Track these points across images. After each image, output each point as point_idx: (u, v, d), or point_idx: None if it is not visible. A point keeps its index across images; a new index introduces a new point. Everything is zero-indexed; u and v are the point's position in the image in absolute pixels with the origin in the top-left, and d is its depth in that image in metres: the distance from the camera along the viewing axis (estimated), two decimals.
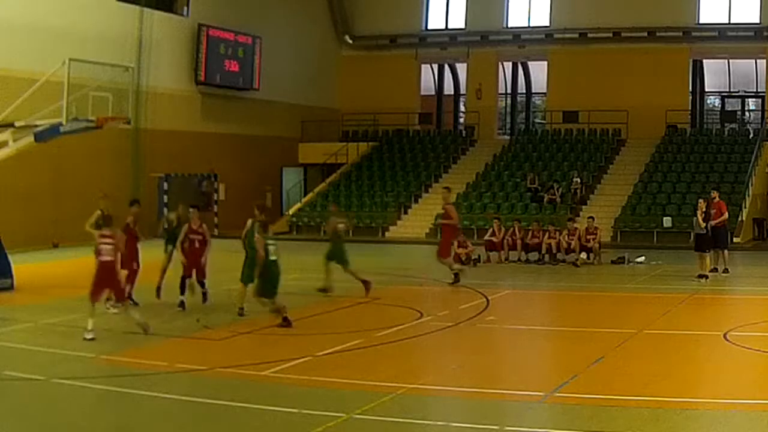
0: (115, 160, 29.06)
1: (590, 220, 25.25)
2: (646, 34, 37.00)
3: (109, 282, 13.46)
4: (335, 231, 18.73)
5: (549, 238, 24.56)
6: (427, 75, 43.08)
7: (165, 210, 31.93)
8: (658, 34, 36.92)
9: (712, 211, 20.82)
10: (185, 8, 33.96)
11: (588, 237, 24.31)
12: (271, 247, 14.54)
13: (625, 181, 33.54)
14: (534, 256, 24.72)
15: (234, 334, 13.66)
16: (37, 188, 27.19)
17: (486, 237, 25.53)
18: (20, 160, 20.94)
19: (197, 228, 16.17)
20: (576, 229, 24.62)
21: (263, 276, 14.28)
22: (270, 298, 14.25)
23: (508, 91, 42.48)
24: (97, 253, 13.40)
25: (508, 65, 42.00)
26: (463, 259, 23.94)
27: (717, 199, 21.63)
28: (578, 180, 33.09)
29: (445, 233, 20.39)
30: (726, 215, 21.50)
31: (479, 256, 24.37)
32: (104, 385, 10.53)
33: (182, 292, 15.94)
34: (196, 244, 16.03)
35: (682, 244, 26.82)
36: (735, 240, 28.78)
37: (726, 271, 20.94)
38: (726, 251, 21.33)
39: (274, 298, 14.25)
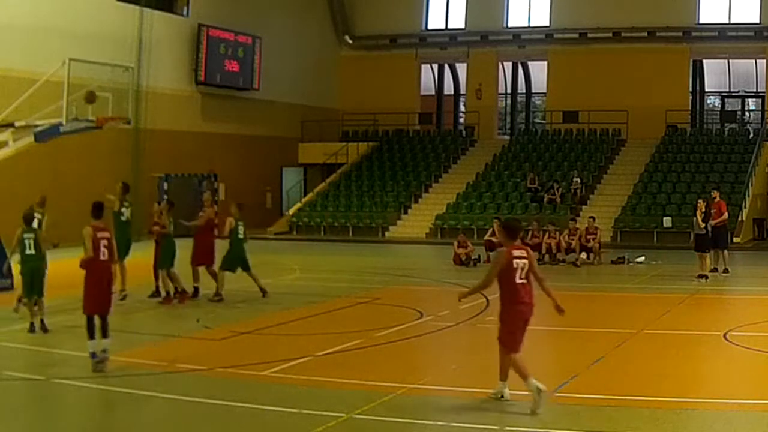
0: (115, 160, 29.04)
1: (591, 219, 25.25)
2: (646, 34, 37.01)
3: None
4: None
5: (549, 238, 24.55)
6: (427, 75, 43.10)
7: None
8: (658, 34, 36.93)
9: (712, 211, 20.79)
10: (185, 8, 33.97)
11: (588, 237, 24.32)
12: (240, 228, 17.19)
13: (625, 181, 33.55)
14: (534, 256, 24.68)
15: (234, 334, 13.66)
16: (36, 188, 27.10)
17: (486, 237, 25.52)
18: (20, 160, 20.93)
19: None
20: (577, 229, 24.62)
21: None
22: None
23: (508, 91, 42.50)
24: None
25: (508, 65, 42.02)
26: (463, 259, 23.96)
27: (717, 198, 21.60)
28: (578, 180, 33.09)
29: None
30: (726, 215, 21.45)
31: (479, 256, 24.36)
32: (104, 385, 10.52)
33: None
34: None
35: (682, 244, 26.82)
36: (735, 240, 28.79)
37: (726, 271, 20.92)
38: (726, 251, 21.31)
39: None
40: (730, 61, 38.85)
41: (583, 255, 24.06)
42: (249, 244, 17.68)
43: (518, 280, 9.79)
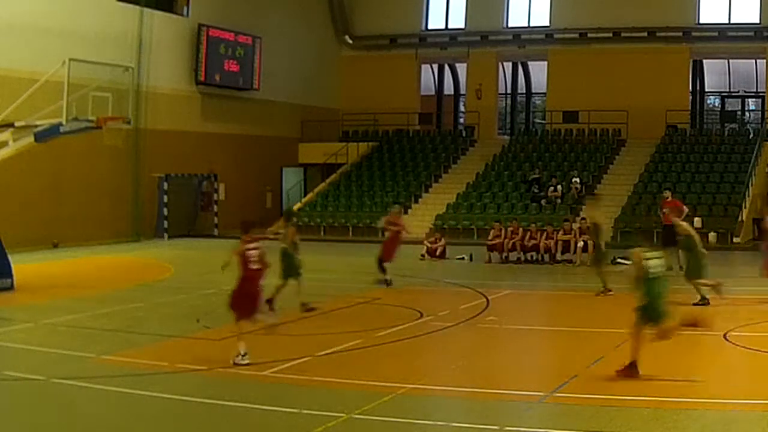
0: (115, 160, 29.06)
1: (582, 221, 25.51)
2: (646, 34, 36.98)
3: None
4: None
5: (547, 238, 24.69)
6: (427, 75, 43.07)
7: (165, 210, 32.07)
8: (658, 34, 36.91)
9: (666, 210, 21.75)
10: (185, 8, 33.95)
11: (582, 237, 24.53)
12: None
13: (625, 181, 33.52)
14: (533, 255, 24.85)
15: (234, 334, 13.64)
16: (36, 188, 27.19)
17: (489, 239, 25.69)
18: (20, 160, 20.94)
19: None
20: (571, 228, 24.83)
21: None
22: None
23: (508, 91, 42.48)
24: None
25: (508, 65, 41.99)
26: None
27: (670, 198, 22.77)
28: (577, 180, 33.08)
29: None
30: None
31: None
32: (104, 385, 10.52)
33: None
34: None
35: None
36: (735, 240, 28.85)
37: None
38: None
39: None
40: (730, 61, 38.84)
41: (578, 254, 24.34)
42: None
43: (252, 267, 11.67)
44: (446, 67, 43.16)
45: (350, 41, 41.85)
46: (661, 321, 10.78)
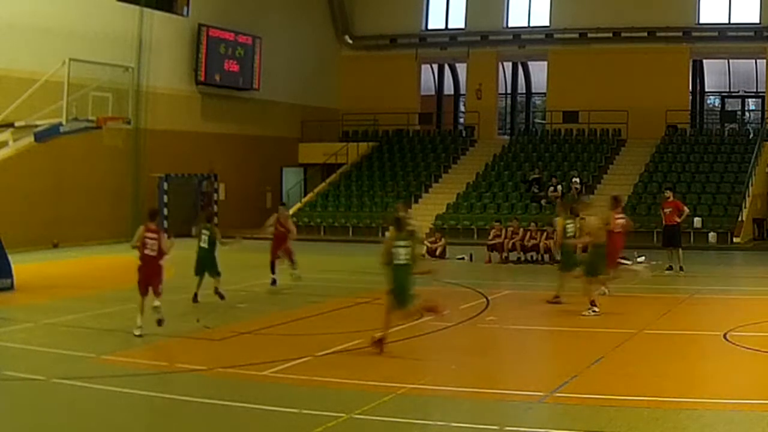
0: (115, 160, 29.06)
1: (582, 221, 25.47)
2: (646, 34, 36.99)
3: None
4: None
5: (547, 238, 24.68)
6: (427, 75, 43.07)
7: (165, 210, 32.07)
8: (658, 34, 36.92)
9: (668, 210, 22.21)
10: (185, 8, 33.95)
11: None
12: None
13: (625, 181, 33.52)
14: (533, 255, 24.86)
15: (234, 334, 13.67)
16: (37, 188, 27.19)
17: (489, 239, 25.69)
18: (20, 160, 20.94)
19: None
20: None
21: None
22: None
23: (508, 91, 42.48)
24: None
25: (508, 65, 42.00)
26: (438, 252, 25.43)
27: (671, 198, 23.02)
28: (577, 180, 33.07)
29: None
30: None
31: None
32: (104, 385, 10.52)
33: None
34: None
35: (683, 244, 26.78)
36: (735, 240, 28.86)
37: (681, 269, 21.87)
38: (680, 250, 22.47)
39: None
40: (730, 61, 38.84)
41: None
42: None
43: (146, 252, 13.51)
44: (446, 67, 43.15)
45: (350, 41, 41.85)
46: (406, 304, 12.03)
